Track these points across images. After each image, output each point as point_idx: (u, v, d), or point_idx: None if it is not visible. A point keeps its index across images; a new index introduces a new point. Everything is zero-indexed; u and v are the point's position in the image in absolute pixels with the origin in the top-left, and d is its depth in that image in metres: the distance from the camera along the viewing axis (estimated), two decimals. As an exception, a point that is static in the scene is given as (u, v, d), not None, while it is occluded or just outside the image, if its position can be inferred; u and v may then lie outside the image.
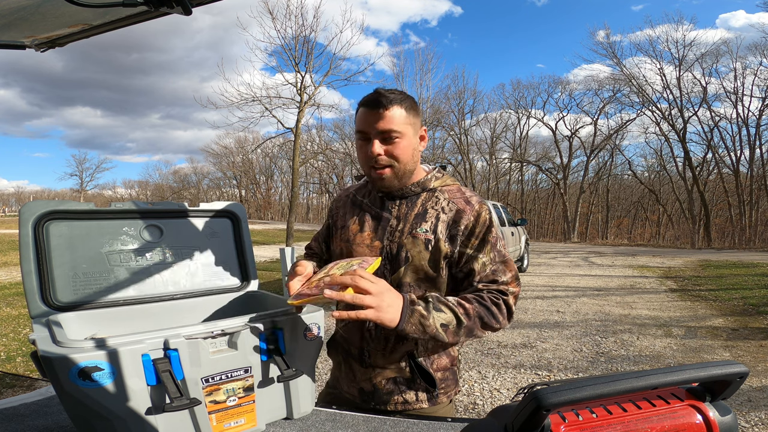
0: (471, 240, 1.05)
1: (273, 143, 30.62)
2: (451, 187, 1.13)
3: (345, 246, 1.14)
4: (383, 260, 1.07)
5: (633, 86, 24.29)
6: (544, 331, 4.99)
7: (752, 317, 5.50)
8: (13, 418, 0.97)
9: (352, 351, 1.13)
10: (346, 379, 1.15)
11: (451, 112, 28.26)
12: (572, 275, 9.44)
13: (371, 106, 1.04)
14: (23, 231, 0.93)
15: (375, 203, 1.15)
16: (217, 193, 52.19)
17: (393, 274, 1.06)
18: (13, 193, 72.82)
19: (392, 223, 1.09)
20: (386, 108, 1.02)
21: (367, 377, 1.11)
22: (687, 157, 23.34)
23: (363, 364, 1.11)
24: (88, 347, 0.71)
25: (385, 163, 1.05)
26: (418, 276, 1.05)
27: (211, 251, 1.18)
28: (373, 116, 1.03)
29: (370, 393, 1.11)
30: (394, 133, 1.03)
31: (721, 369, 0.53)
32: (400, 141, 1.04)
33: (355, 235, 1.13)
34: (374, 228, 1.11)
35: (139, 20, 0.99)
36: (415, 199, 1.11)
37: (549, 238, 29.02)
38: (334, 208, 1.25)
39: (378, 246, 1.09)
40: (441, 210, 1.08)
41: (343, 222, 1.18)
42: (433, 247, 1.04)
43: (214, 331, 0.83)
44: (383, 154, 1.04)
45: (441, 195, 1.11)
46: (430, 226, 1.06)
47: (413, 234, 1.06)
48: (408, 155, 1.06)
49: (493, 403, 3.19)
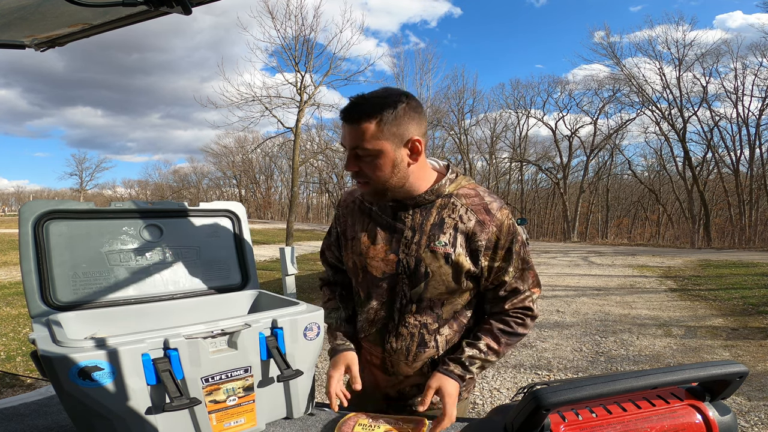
0: (498, 252, 1.01)
1: (273, 143, 30.60)
2: (468, 191, 1.04)
3: (358, 260, 1.09)
4: (401, 274, 1.03)
5: (633, 86, 24.29)
6: (543, 331, 4.99)
7: (752, 317, 5.50)
8: (13, 418, 0.97)
9: (374, 361, 1.12)
10: (370, 386, 1.14)
11: (451, 112, 28.28)
12: (572, 275, 9.44)
13: (343, 116, 0.96)
14: (23, 230, 0.93)
15: (386, 212, 1.06)
16: (217, 192, 52.17)
17: (413, 288, 1.03)
18: (13, 193, 72.84)
19: (407, 234, 1.02)
20: (356, 123, 0.94)
21: (391, 384, 1.11)
22: (687, 157, 23.34)
23: (386, 373, 1.10)
24: (88, 347, 0.71)
25: (362, 180, 0.99)
26: (439, 290, 1.02)
27: (211, 251, 1.17)
28: (345, 129, 0.96)
29: (395, 398, 1.12)
30: (360, 150, 0.95)
31: (720, 369, 0.53)
32: (372, 158, 0.95)
33: (368, 248, 1.06)
34: (388, 240, 1.04)
35: (138, 20, 0.99)
36: (429, 207, 1.03)
37: (549, 238, 29.01)
38: (341, 215, 1.17)
39: (393, 259, 1.03)
40: (459, 219, 1.01)
41: (353, 233, 1.11)
42: (453, 261, 0.99)
43: (214, 330, 0.83)
44: (357, 170, 0.98)
45: (458, 201, 1.02)
46: (449, 239, 1.00)
47: (432, 248, 1.00)
48: (385, 172, 0.96)
49: (493, 403, 3.19)
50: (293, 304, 0.99)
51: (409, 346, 1.05)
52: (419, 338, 1.05)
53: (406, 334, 1.05)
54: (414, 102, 0.98)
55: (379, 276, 1.06)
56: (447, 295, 1.04)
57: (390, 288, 1.05)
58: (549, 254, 14.60)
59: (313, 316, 0.95)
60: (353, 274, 1.13)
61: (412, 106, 0.96)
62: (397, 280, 1.04)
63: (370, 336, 1.10)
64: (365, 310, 1.10)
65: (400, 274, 1.03)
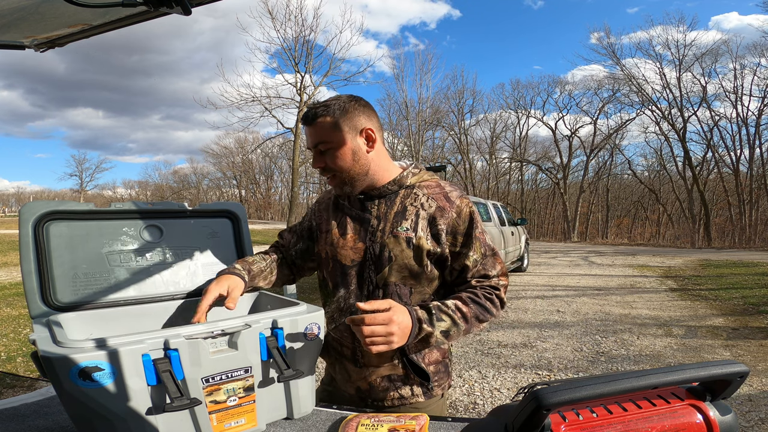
0: (457, 238, 1.07)
1: (273, 143, 30.65)
2: (430, 183, 1.13)
3: (330, 250, 1.14)
4: (368, 261, 1.07)
5: (632, 86, 24.30)
6: (544, 331, 4.99)
7: (752, 316, 5.50)
8: (14, 418, 0.97)
9: (344, 352, 1.13)
10: (342, 380, 1.16)
11: (450, 112, 28.30)
12: (572, 275, 9.44)
13: (303, 121, 1.10)
14: (23, 231, 0.93)
15: (355, 205, 1.14)
16: (217, 193, 52.17)
17: (378, 273, 1.07)
18: (13, 194, 72.86)
19: (373, 223, 1.09)
20: (313, 122, 1.06)
21: (362, 377, 1.11)
22: (687, 157, 23.34)
23: (357, 365, 1.11)
24: (89, 347, 0.71)
25: (328, 174, 1.09)
26: (402, 274, 1.06)
27: (211, 251, 1.18)
28: (307, 132, 1.10)
29: (366, 391, 1.12)
30: (322, 145, 1.07)
31: (721, 368, 0.53)
32: (333, 150, 1.06)
33: (338, 239, 1.12)
34: (356, 230, 1.11)
35: (138, 20, 0.99)
36: (393, 197, 1.11)
37: (549, 238, 29.01)
38: (317, 210, 1.24)
39: (361, 247, 1.09)
40: (420, 206, 1.08)
41: (327, 226, 1.17)
42: (414, 245, 1.05)
43: (214, 331, 0.83)
44: (323, 166, 1.08)
45: (420, 191, 1.10)
46: (411, 224, 1.06)
47: (394, 233, 1.06)
48: (347, 161, 1.07)
49: (494, 403, 3.19)
50: (293, 304, 0.99)
51: None
52: None
53: None
54: (362, 100, 1.10)
55: (348, 264, 1.10)
56: (412, 281, 1.07)
57: (358, 275, 1.09)
58: (549, 254, 14.60)
59: (314, 317, 0.95)
60: (324, 265, 1.17)
61: (361, 103, 1.09)
62: (364, 267, 1.08)
63: (340, 325, 1.11)
64: (335, 300, 1.13)
65: (368, 260, 1.07)
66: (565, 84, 30.02)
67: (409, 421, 0.89)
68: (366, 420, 0.90)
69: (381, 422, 0.89)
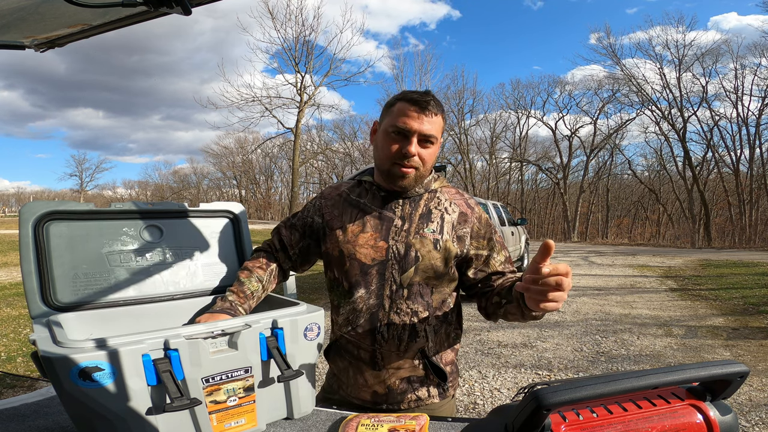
0: (480, 242, 1.11)
1: (273, 143, 30.63)
2: (450, 189, 1.17)
3: (346, 248, 1.10)
4: (390, 260, 1.06)
5: (632, 86, 24.30)
6: (544, 331, 4.99)
7: (752, 316, 5.50)
8: (14, 419, 0.97)
9: (362, 355, 1.09)
10: (354, 385, 1.12)
11: (450, 112, 28.26)
12: (572, 275, 9.43)
13: (421, 106, 1.04)
14: (23, 231, 0.93)
15: (375, 203, 1.12)
16: (217, 193, 52.20)
17: (403, 273, 1.06)
18: (13, 194, 72.87)
19: (396, 223, 1.09)
20: (434, 113, 1.05)
21: (380, 380, 1.09)
22: (687, 157, 23.33)
23: (375, 367, 1.08)
24: (89, 347, 0.71)
25: (415, 164, 1.06)
26: (427, 274, 1.07)
27: (211, 251, 1.18)
28: (420, 117, 1.04)
29: (383, 395, 1.09)
30: (432, 139, 1.06)
31: (721, 368, 0.53)
32: (433, 148, 1.08)
33: (357, 236, 1.09)
34: (377, 228, 1.09)
35: (138, 20, 0.99)
36: (417, 199, 1.12)
37: (549, 238, 28.97)
38: (324, 206, 1.18)
39: (383, 246, 1.07)
40: (444, 210, 1.11)
41: (341, 223, 1.13)
42: (442, 247, 1.07)
43: (215, 331, 0.83)
44: (417, 156, 1.06)
45: (442, 196, 1.14)
46: (437, 227, 1.08)
47: (421, 234, 1.07)
48: (433, 162, 1.11)
49: (494, 403, 3.19)
50: (293, 304, 0.99)
51: (401, 334, 1.06)
52: (410, 327, 1.06)
53: (398, 322, 1.06)
54: None
55: (368, 263, 1.07)
56: (435, 281, 1.08)
57: (379, 274, 1.07)
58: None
59: (314, 317, 0.95)
60: (337, 264, 1.12)
61: None
62: (386, 266, 1.07)
63: (358, 327, 1.07)
64: (351, 301, 1.08)
65: (390, 260, 1.06)
66: (565, 84, 30.06)
67: (409, 421, 0.89)
68: (366, 420, 0.90)
69: (381, 422, 0.89)
